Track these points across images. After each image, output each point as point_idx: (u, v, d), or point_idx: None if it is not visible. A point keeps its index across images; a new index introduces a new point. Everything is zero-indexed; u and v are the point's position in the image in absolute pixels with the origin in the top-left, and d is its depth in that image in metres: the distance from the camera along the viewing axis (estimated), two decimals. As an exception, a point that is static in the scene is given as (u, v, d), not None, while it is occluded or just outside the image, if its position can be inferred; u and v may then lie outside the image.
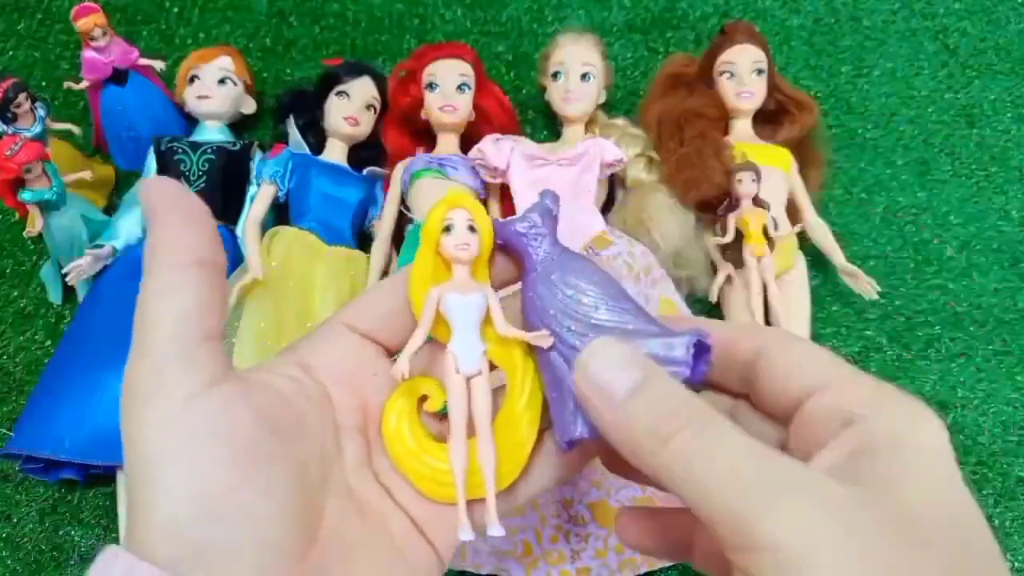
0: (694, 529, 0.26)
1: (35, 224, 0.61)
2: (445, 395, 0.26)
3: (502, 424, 0.26)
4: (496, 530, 0.25)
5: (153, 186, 0.22)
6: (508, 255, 0.27)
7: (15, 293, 0.68)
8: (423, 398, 0.27)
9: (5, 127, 0.64)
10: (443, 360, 0.26)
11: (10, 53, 0.82)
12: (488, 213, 0.27)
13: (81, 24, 0.66)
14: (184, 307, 0.21)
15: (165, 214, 0.22)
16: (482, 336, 0.26)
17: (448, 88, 0.67)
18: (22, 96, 0.65)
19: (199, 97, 0.69)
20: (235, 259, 0.65)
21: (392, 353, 0.27)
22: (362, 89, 0.68)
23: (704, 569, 0.26)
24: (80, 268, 0.61)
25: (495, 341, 0.26)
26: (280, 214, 0.67)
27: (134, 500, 0.21)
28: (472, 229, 0.25)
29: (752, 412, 0.25)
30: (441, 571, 0.26)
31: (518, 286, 0.27)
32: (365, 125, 0.68)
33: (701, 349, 0.23)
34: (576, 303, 0.24)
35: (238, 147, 0.68)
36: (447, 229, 0.25)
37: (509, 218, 0.26)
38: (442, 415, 0.27)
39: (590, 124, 0.71)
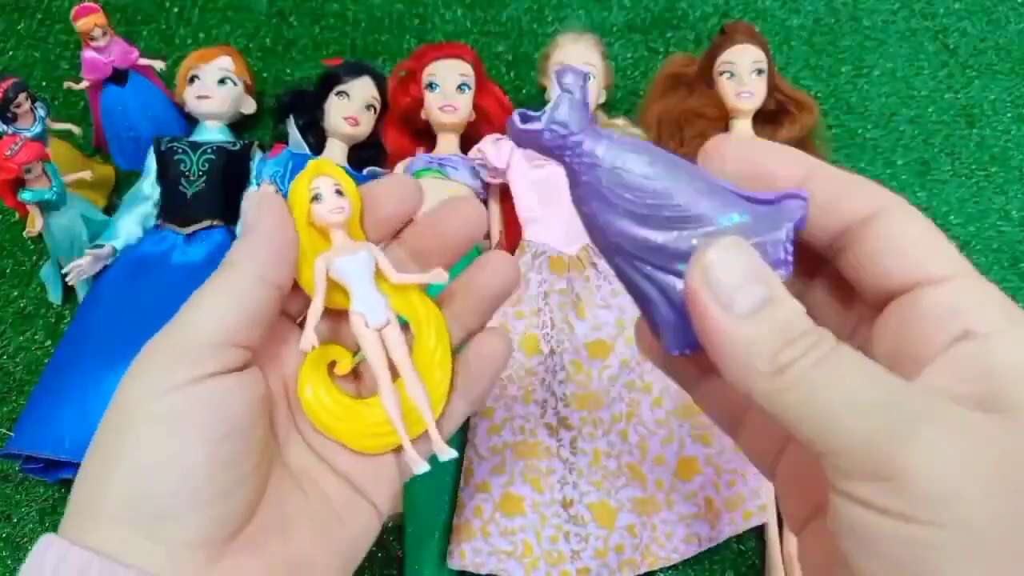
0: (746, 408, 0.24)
1: (35, 224, 0.61)
2: (351, 357, 0.27)
3: (418, 367, 0.27)
4: (448, 454, 0.26)
5: (259, 199, 0.25)
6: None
7: (15, 293, 0.68)
8: (332, 364, 0.27)
9: (5, 127, 0.64)
10: (350, 324, 0.26)
11: (10, 53, 0.82)
12: (488, 213, 0.27)
13: (81, 24, 0.66)
14: (232, 314, 0.23)
15: (260, 227, 0.24)
16: (379, 289, 0.27)
17: (448, 88, 0.67)
18: (22, 96, 0.65)
19: (199, 97, 0.69)
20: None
21: (296, 317, 0.28)
22: (362, 89, 0.68)
23: (747, 448, 0.24)
24: (80, 268, 0.61)
25: (390, 292, 0.27)
26: (280, 214, 0.67)
27: (94, 467, 0.21)
28: (340, 192, 0.26)
29: (827, 293, 0.22)
30: (379, 526, 0.27)
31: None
32: (365, 125, 0.68)
33: (797, 225, 0.21)
34: (641, 197, 0.20)
35: (238, 147, 0.69)
36: (315, 198, 0.26)
37: (528, 119, 0.23)
38: (355, 375, 0.28)
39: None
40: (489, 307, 0.29)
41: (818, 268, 0.22)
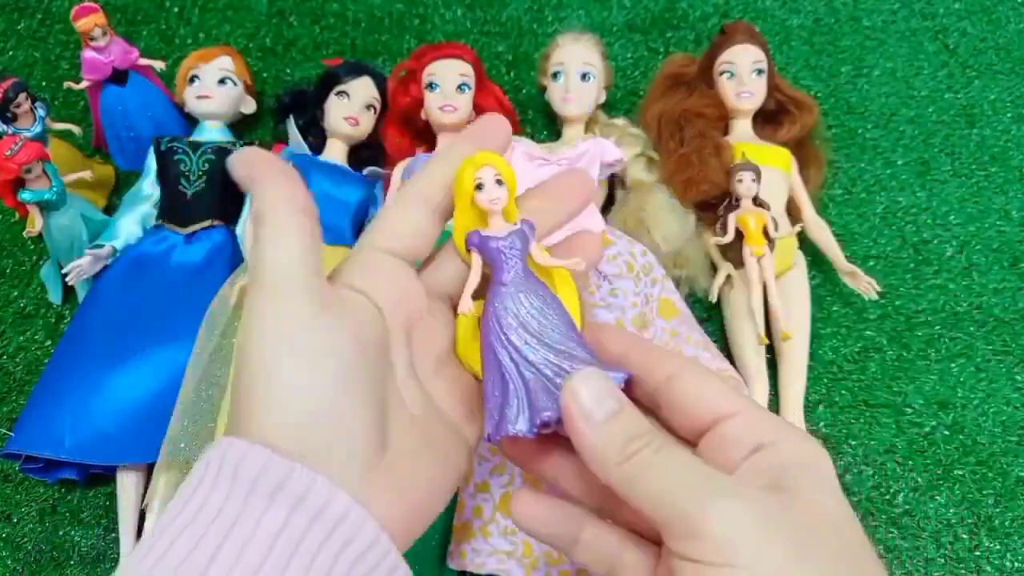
0: (582, 525, 0.29)
1: (35, 224, 0.61)
2: None
3: None
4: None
5: (243, 156, 0.27)
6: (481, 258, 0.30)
7: (15, 293, 0.68)
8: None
9: (5, 127, 0.64)
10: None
11: (10, 53, 0.82)
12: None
13: (81, 24, 0.66)
14: (299, 245, 0.26)
15: (268, 174, 0.27)
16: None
17: (448, 88, 0.67)
18: (22, 96, 0.65)
19: (199, 97, 0.69)
20: (235, 259, 0.65)
21: (413, 263, 0.31)
22: (362, 89, 0.68)
23: (582, 561, 0.30)
24: (80, 268, 0.61)
25: (536, 269, 0.30)
26: (280, 214, 0.67)
27: (252, 392, 0.24)
28: (499, 182, 0.29)
29: (658, 426, 0.28)
30: (469, 460, 0.30)
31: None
32: (365, 125, 0.68)
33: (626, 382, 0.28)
34: (537, 321, 0.28)
35: (238, 147, 0.68)
36: (479, 187, 0.29)
37: (486, 232, 0.29)
38: None
39: (590, 124, 0.71)
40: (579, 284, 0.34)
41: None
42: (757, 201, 0.63)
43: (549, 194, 0.32)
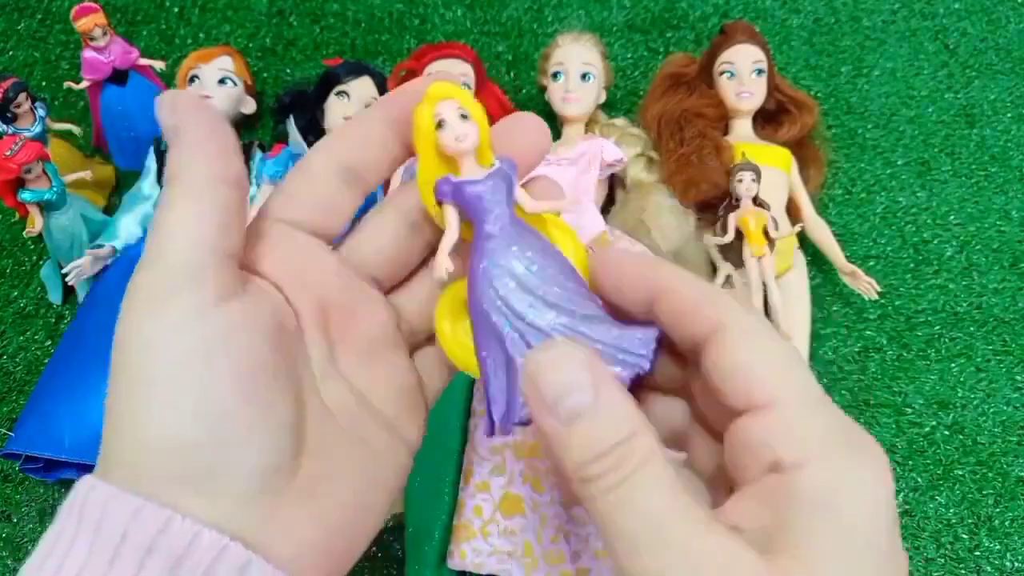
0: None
1: (35, 224, 0.61)
2: None
3: None
4: None
5: (173, 99, 0.22)
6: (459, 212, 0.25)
7: (15, 293, 0.68)
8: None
9: (5, 127, 0.64)
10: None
11: (10, 53, 0.82)
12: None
13: (81, 24, 0.66)
14: (207, 221, 0.20)
15: (188, 127, 0.21)
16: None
17: (448, 88, 0.67)
18: (22, 96, 0.65)
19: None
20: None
21: (327, 240, 0.26)
22: (362, 89, 0.68)
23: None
24: (80, 268, 0.61)
25: (524, 219, 0.25)
26: (280, 214, 0.67)
27: (120, 418, 0.19)
28: (465, 117, 0.24)
29: (707, 395, 0.22)
30: (411, 464, 0.25)
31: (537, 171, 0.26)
32: (365, 125, 0.68)
33: (658, 342, 0.23)
34: (538, 279, 0.23)
35: (238, 147, 0.68)
36: (439, 125, 0.24)
37: (460, 178, 0.24)
38: None
39: (590, 124, 0.71)
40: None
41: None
42: (757, 201, 0.63)
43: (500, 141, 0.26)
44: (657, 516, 0.18)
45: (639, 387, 0.24)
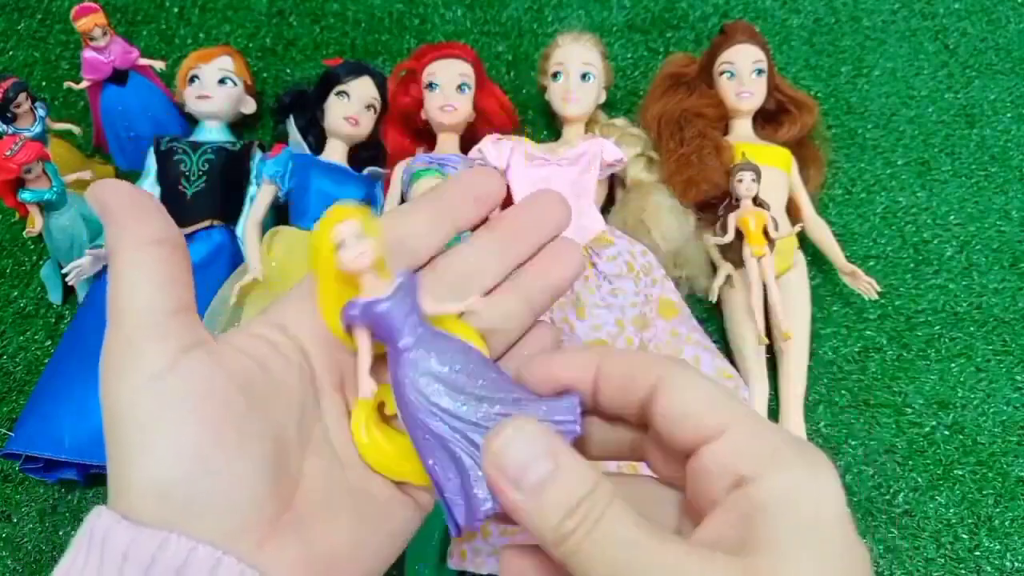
0: None
1: (35, 224, 0.61)
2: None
3: None
4: None
5: (101, 187, 0.24)
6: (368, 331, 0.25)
7: (15, 293, 0.68)
8: (381, 404, 0.27)
9: (5, 127, 0.64)
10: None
11: (10, 53, 0.82)
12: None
13: (81, 24, 0.66)
14: (150, 283, 0.23)
15: (117, 207, 0.24)
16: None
17: (448, 88, 0.67)
18: (22, 96, 0.65)
19: (199, 97, 0.69)
20: (235, 259, 0.65)
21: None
22: (362, 89, 0.68)
23: None
24: (80, 268, 0.61)
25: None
26: (280, 214, 0.67)
27: (114, 464, 0.22)
28: (360, 236, 0.24)
29: (658, 448, 0.24)
30: (419, 523, 0.27)
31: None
32: (365, 125, 0.68)
33: (582, 405, 0.24)
34: (463, 377, 0.24)
35: (238, 147, 0.69)
36: (339, 246, 0.24)
37: (366, 299, 0.24)
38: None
39: (590, 124, 0.71)
40: (558, 293, 0.29)
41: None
42: (757, 201, 0.63)
43: (519, 221, 0.28)
44: (635, 542, 0.19)
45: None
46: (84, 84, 0.70)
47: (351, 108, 0.67)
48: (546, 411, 0.24)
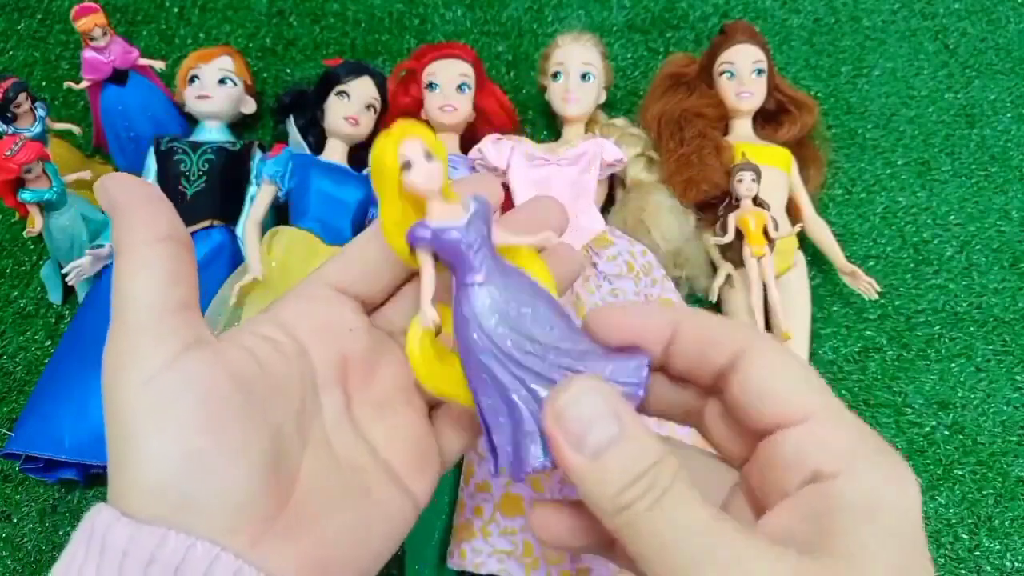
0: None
1: (35, 224, 0.61)
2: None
3: None
4: None
5: (111, 181, 0.24)
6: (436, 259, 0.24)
7: (15, 293, 0.68)
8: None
9: (5, 127, 0.64)
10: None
11: (10, 53, 0.82)
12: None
13: (81, 24, 0.66)
14: (155, 280, 0.23)
15: (127, 202, 0.24)
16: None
17: (448, 88, 0.67)
18: (22, 96, 0.65)
19: (199, 97, 0.69)
20: (235, 259, 0.65)
21: (368, 307, 0.28)
22: (362, 89, 0.68)
23: (626, 567, 0.25)
24: (80, 268, 0.61)
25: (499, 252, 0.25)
26: (280, 214, 0.67)
27: (114, 462, 0.22)
28: (429, 156, 0.23)
29: (722, 419, 0.23)
30: (414, 520, 0.27)
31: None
32: (365, 125, 0.68)
33: (649, 367, 0.23)
34: (530, 321, 0.23)
35: (238, 147, 0.69)
36: (405, 166, 0.23)
37: (437, 223, 0.23)
38: None
39: (590, 124, 0.71)
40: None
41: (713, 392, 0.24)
42: (757, 201, 0.63)
43: (518, 225, 0.27)
44: (702, 525, 0.19)
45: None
46: (84, 84, 0.70)
47: (351, 108, 0.67)
48: (612, 370, 0.23)
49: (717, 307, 0.66)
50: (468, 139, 0.68)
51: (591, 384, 0.20)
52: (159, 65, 0.73)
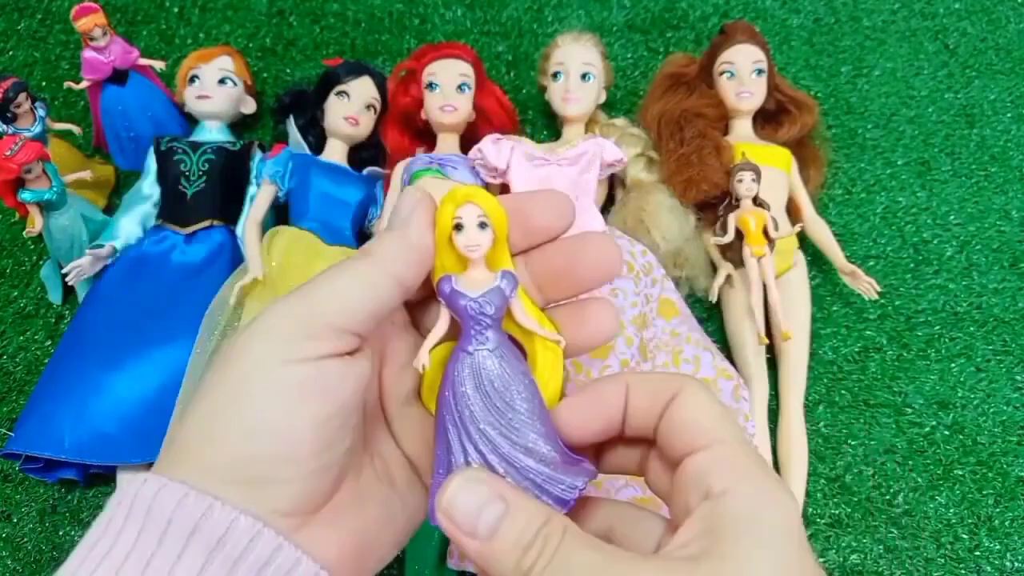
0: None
1: (35, 224, 0.61)
2: None
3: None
4: None
5: (421, 205, 0.26)
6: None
7: (15, 293, 0.68)
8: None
9: (5, 127, 0.64)
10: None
11: (10, 53, 0.82)
12: None
13: (81, 24, 0.66)
14: (362, 299, 0.24)
15: (410, 229, 0.25)
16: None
17: (448, 88, 0.67)
18: (22, 96, 0.65)
19: (199, 97, 0.69)
20: (235, 259, 0.65)
21: (409, 303, 0.28)
22: (362, 89, 0.68)
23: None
24: (80, 268, 0.61)
25: (511, 326, 0.27)
26: (280, 214, 0.67)
27: (211, 416, 0.22)
28: (483, 225, 0.25)
29: (658, 460, 0.26)
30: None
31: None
32: (365, 125, 0.68)
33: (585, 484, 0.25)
34: (500, 401, 0.25)
35: (238, 147, 0.69)
36: (457, 228, 0.25)
37: (457, 287, 0.25)
38: None
39: (590, 124, 0.71)
40: (588, 350, 0.29)
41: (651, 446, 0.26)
42: (757, 201, 0.63)
43: (567, 259, 0.28)
44: (591, 564, 0.21)
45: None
46: (84, 84, 0.70)
47: (351, 108, 0.67)
48: (546, 477, 0.24)
49: (717, 307, 0.66)
50: (468, 139, 0.68)
51: (469, 476, 0.23)
52: (159, 65, 0.73)
